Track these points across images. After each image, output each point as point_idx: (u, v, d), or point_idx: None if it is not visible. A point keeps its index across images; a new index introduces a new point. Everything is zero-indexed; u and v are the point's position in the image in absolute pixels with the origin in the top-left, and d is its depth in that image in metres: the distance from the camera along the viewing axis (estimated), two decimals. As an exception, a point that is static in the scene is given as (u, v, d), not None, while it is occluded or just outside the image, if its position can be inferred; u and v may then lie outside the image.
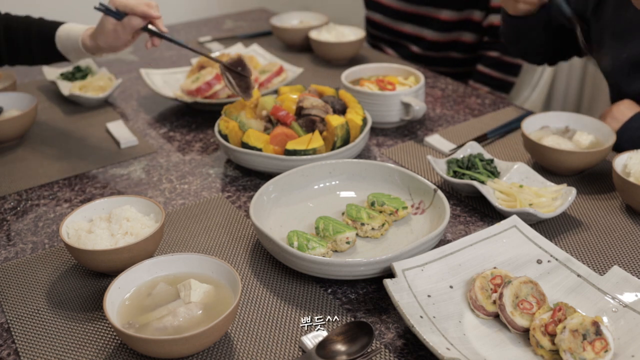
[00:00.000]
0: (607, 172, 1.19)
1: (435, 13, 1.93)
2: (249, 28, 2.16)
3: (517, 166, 1.14)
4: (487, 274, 0.87)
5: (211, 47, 1.96)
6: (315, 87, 1.36)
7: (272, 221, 1.04)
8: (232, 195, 1.17)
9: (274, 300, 0.90)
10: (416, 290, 0.85)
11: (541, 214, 1.01)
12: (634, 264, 0.96)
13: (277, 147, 1.19)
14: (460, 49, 1.98)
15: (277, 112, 1.25)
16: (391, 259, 0.88)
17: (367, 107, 1.35)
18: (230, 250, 1.01)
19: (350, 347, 0.79)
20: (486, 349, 0.80)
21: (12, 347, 0.83)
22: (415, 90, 1.37)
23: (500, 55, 1.89)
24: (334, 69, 1.77)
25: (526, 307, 0.82)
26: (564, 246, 1.01)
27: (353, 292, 0.92)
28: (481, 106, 1.53)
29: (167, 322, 0.79)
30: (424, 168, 1.25)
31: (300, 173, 1.11)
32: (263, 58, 1.75)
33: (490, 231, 0.95)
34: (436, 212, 1.02)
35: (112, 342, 0.83)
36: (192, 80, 1.49)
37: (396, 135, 1.38)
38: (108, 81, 1.60)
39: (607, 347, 0.75)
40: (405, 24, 2.00)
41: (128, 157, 1.31)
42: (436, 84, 1.67)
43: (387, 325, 0.85)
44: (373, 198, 1.05)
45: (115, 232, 0.93)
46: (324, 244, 0.94)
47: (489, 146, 1.33)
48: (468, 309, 0.86)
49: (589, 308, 0.84)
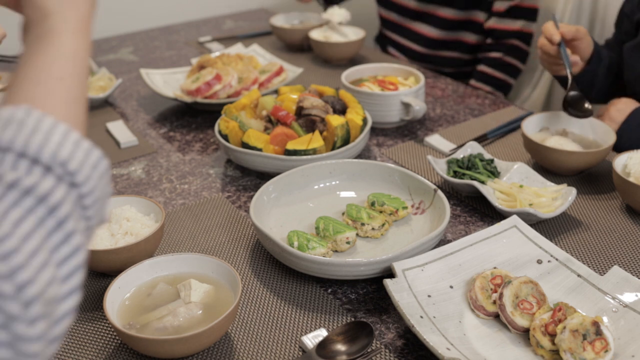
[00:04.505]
0: (607, 172, 1.19)
1: (436, 10, 1.93)
2: (249, 28, 2.16)
3: (517, 166, 1.14)
4: (487, 274, 0.87)
5: (211, 47, 1.96)
6: (315, 87, 1.36)
7: (272, 221, 1.04)
8: (232, 195, 1.17)
9: (274, 300, 0.90)
10: (416, 290, 0.85)
11: (541, 214, 1.01)
12: (634, 264, 0.96)
13: (277, 147, 1.19)
14: (462, 49, 1.98)
15: (277, 112, 1.25)
16: (391, 259, 0.88)
17: (367, 107, 1.35)
18: (230, 250, 1.01)
19: (351, 347, 0.79)
20: (486, 349, 0.80)
21: (12, 347, 0.83)
22: (415, 90, 1.37)
23: (502, 55, 1.89)
24: (334, 69, 1.77)
25: (526, 307, 0.82)
26: (564, 246, 1.01)
27: (353, 292, 0.92)
28: (481, 106, 1.53)
29: (167, 322, 0.79)
30: (424, 168, 1.25)
31: (300, 173, 1.11)
32: (263, 58, 1.75)
33: (490, 231, 0.95)
34: (436, 212, 1.02)
35: (112, 342, 0.83)
36: (192, 80, 1.49)
37: (396, 135, 1.38)
38: (108, 81, 1.60)
39: (607, 347, 0.75)
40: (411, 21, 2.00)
41: (128, 157, 1.31)
42: (436, 84, 1.67)
43: (387, 325, 0.85)
44: (373, 198, 1.05)
45: (115, 232, 0.93)
46: (324, 244, 0.94)
47: (489, 146, 1.33)
48: (468, 309, 0.86)
49: (589, 308, 0.84)
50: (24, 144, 0.43)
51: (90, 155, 0.47)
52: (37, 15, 0.52)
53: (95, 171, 0.47)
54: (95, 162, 0.47)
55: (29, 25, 0.53)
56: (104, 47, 1.97)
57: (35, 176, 0.43)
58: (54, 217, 0.42)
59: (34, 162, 0.43)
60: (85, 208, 0.46)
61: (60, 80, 0.50)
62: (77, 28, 0.52)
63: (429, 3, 1.94)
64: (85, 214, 0.46)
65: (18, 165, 0.43)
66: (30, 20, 0.53)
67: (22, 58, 0.51)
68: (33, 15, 0.52)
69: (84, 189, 0.46)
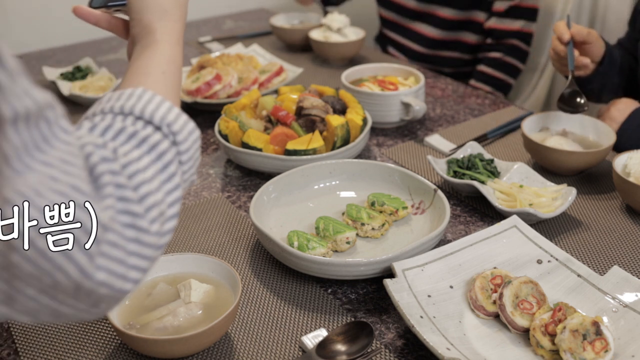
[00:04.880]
0: (607, 172, 1.19)
1: (436, 10, 1.93)
2: (249, 28, 2.16)
3: (517, 166, 1.14)
4: (487, 274, 0.87)
5: (211, 47, 1.96)
6: (315, 87, 1.36)
7: (272, 221, 1.04)
8: (232, 195, 1.17)
9: (274, 300, 0.90)
10: (416, 290, 0.85)
11: (541, 214, 1.01)
12: (634, 264, 0.96)
13: (277, 147, 1.19)
14: (462, 49, 1.98)
15: (277, 112, 1.25)
16: (391, 259, 0.88)
17: (367, 107, 1.35)
18: (230, 250, 1.01)
19: (351, 347, 0.79)
20: (486, 349, 0.80)
21: (12, 347, 0.83)
22: (415, 90, 1.37)
23: (502, 55, 1.89)
24: (334, 69, 1.77)
25: (526, 307, 0.82)
26: (564, 246, 1.01)
27: (353, 292, 0.92)
28: (481, 106, 1.53)
29: (167, 322, 0.79)
30: (424, 168, 1.25)
31: (300, 173, 1.11)
32: (263, 58, 1.75)
33: (490, 231, 0.95)
34: (436, 212, 1.02)
35: (112, 342, 0.83)
36: (192, 80, 1.49)
37: (396, 135, 1.38)
38: (108, 81, 1.60)
39: (607, 347, 0.75)
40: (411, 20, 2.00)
41: (128, 157, 1.31)
42: (436, 84, 1.67)
43: (387, 325, 0.85)
44: (373, 198, 1.05)
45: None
46: (324, 244, 0.94)
47: (489, 146, 1.33)
48: (468, 309, 0.86)
49: (589, 308, 0.84)
50: (141, 110, 0.58)
51: (188, 124, 0.61)
52: (144, 32, 0.70)
53: (191, 136, 0.61)
54: (191, 129, 0.61)
55: (137, 39, 0.71)
56: (104, 47, 1.97)
57: (148, 131, 0.57)
58: (161, 160, 0.57)
59: (148, 122, 0.58)
60: (182, 163, 0.60)
61: (163, 74, 0.66)
62: (174, 40, 0.70)
63: (429, 3, 1.94)
64: (182, 168, 0.60)
65: (136, 123, 0.57)
66: (138, 36, 0.71)
67: (133, 60, 0.68)
68: (141, 32, 0.70)
69: (182, 147, 0.59)
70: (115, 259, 0.49)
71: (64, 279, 0.47)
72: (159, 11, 0.71)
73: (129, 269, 0.50)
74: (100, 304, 0.50)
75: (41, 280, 0.46)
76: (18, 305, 0.48)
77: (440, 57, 2.01)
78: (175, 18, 0.72)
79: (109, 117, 0.58)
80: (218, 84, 1.46)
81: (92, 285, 0.48)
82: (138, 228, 0.51)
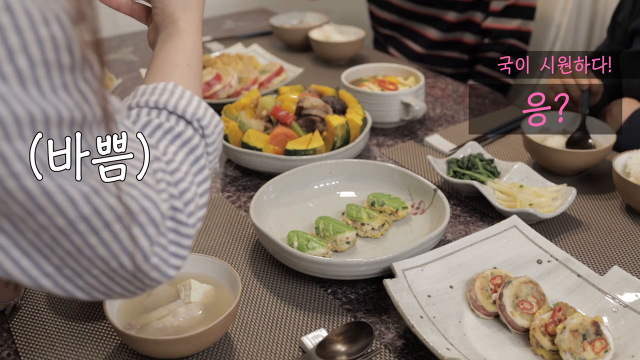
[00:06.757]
0: (607, 172, 1.19)
1: (439, 14, 1.93)
2: (249, 28, 2.16)
3: (517, 166, 1.14)
4: (487, 274, 0.87)
5: (211, 47, 1.96)
6: (315, 87, 1.36)
7: (272, 221, 1.04)
8: (232, 195, 1.17)
9: (274, 300, 0.90)
10: (416, 290, 0.85)
11: (541, 214, 1.01)
12: (634, 264, 0.96)
13: (277, 147, 1.19)
14: (461, 50, 1.98)
15: (277, 112, 1.25)
16: (391, 259, 0.88)
17: (367, 107, 1.35)
18: (230, 250, 1.01)
19: (350, 347, 0.79)
20: (486, 349, 0.80)
21: (12, 347, 0.83)
22: (415, 90, 1.37)
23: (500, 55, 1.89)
24: (334, 69, 1.77)
25: (526, 307, 0.82)
26: (564, 246, 1.01)
27: (353, 292, 0.92)
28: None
29: (167, 323, 0.79)
30: (424, 168, 1.25)
31: (300, 173, 1.11)
32: (263, 58, 1.75)
33: (490, 231, 0.95)
34: (436, 212, 1.02)
35: (112, 342, 0.83)
36: (192, 80, 1.49)
37: (396, 135, 1.38)
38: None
39: (607, 347, 0.75)
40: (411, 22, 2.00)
41: (128, 157, 1.31)
42: (436, 84, 1.67)
43: (387, 325, 0.85)
44: (373, 198, 1.05)
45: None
46: (324, 244, 0.94)
47: (489, 146, 1.33)
48: (468, 309, 0.86)
49: (589, 308, 0.84)
50: (174, 105, 0.63)
51: (214, 118, 0.66)
52: (167, 21, 0.73)
53: (217, 129, 0.67)
54: (217, 122, 0.67)
55: (160, 28, 0.74)
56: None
57: (181, 126, 0.63)
58: (194, 154, 0.62)
59: (180, 117, 0.63)
60: (209, 154, 0.66)
61: (189, 66, 0.70)
62: (196, 29, 0.73)
63: (429, 7, 1.93)
64: (209, 158, 0.66)
65: (170, 118, 0.63)
66: (161, 25, 0.74)
67: (157, 50, 0.72)
68: (164, 21, 0.73)
69: (209, 139, 0.65)
70: (162, 247, 0.54)
71: (129, 262, 0.51)
72: (182, 1, 0.73)
73: (171, 257, 0.56)
74: (145, 287, 0.55)
75: (108, 263, 0.50)
76: (81, 282, 0.51)
77: (439, 57, 2.01)
78: (196, 7, 0.74)
79: (144, 112, 0.63)
80: (218, 84, 1.46)
81: (148, 268, 0.53)
82: (178, 221, 0.57)
